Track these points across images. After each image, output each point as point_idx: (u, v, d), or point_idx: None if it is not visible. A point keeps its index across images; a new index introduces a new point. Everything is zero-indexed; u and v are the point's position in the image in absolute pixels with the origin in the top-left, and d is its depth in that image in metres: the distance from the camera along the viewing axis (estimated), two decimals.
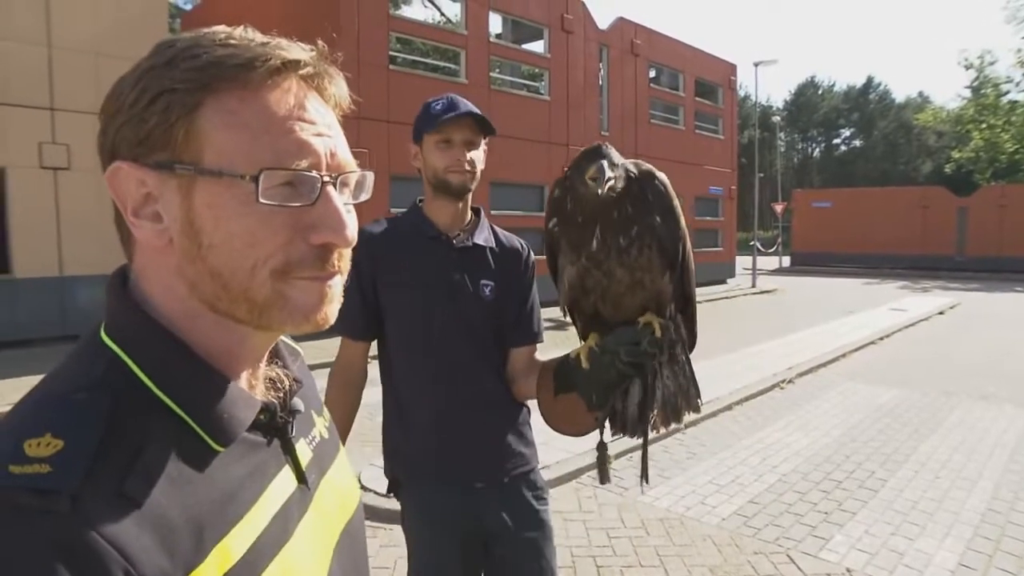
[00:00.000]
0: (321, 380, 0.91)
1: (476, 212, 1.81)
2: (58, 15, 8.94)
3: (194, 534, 0.51)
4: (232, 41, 0.57)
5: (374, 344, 1.78)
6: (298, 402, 0.68)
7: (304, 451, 0.68)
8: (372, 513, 3.77)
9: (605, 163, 1.18)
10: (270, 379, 0.67)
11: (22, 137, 8.72)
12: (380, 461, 1.89)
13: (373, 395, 1.80)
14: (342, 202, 0.59)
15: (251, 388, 0.64)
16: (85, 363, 0.57)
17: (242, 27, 0.60)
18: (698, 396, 1.43)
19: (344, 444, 1.74)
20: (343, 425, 1.74)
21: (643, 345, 1.24)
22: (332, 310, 0.60)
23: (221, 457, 0.57)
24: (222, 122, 0.55)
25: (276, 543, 0.59)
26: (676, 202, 1.30)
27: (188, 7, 32.19)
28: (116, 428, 0.51)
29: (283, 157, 0.55)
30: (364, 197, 0.64)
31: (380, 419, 1.82)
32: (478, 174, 1.71)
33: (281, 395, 0.67)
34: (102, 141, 0.58)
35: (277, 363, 0.70)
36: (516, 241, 1.83)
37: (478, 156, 1.71)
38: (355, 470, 1.71)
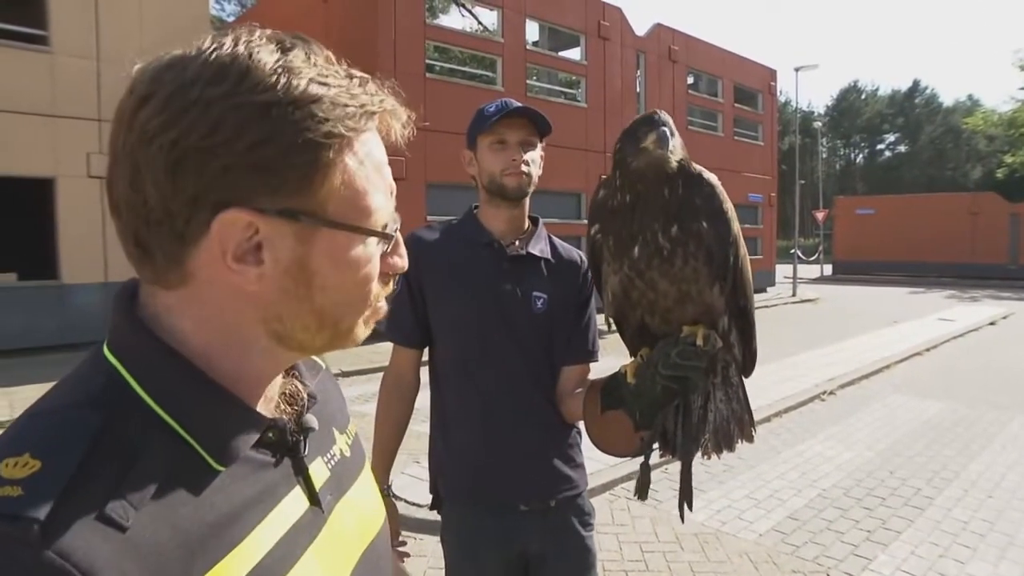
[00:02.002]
0: (358, 387, 0.88)
1: (534, 221, 1.73)
2: (106, 29, 9.27)
3: (185, 559, 0.49)
4: (330, 80, 0.55)
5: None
6: (311, 419, 0.65)
7: (320, 471, 0.66)
8: (401, 522, 3.75)
9: (666, 129, 1.11)
10: (287, 393, 0.66)
11: (71, 148, 9.05)
12: (411, 469, 1.86)
13: None
14: None
15: (268, 402, 0.62)
16: (84, 378, 0.56)
17: (305, 46, 0.56)
18: (752, 424, 1.31)
19: (394, 456, 1.74)
20: (393, 435, 1.72)
21: (672, 357, 1.13)
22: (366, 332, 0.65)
23: (223, 477, 0.55)
24: (349, 173, 0.56)
25: (280, 568, 0.56)
26: (727, 204, 1.20)
27: (231, 19, 33.15)
28: (102, 447, 0.49)
29: (387, 205, 0.59)
30: None
31: (415, 426, 1.78)
32: (536, 177, 1.64)
33: (296, 411, 0.65)
34: (177, 173, 0.51)
35: (295, 375, 0.68)
36: (575, 253, 1.74)
37: (534, 157, 1.63)
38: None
